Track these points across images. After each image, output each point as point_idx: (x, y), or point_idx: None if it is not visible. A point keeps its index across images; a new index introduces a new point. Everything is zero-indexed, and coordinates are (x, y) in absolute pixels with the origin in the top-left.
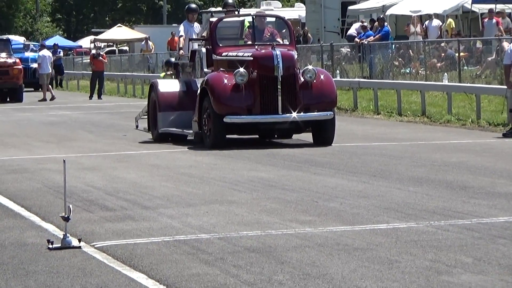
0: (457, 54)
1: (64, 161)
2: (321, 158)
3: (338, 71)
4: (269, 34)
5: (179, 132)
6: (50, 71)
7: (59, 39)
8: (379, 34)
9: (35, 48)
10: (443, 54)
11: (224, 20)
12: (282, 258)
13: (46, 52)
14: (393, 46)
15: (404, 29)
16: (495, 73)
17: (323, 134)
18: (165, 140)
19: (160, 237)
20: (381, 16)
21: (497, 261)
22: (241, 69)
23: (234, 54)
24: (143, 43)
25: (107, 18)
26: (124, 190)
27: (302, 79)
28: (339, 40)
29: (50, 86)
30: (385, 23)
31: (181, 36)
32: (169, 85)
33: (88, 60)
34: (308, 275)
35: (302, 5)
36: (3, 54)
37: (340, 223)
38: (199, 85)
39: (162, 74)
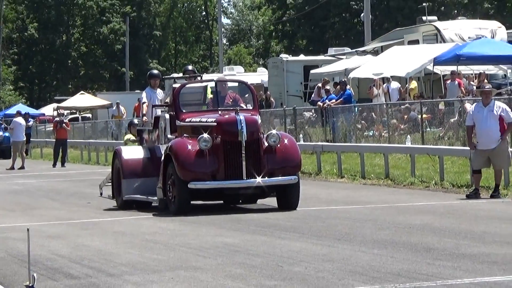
0: (420, 116)
1: (28, 229)
2: (286, 223)
3: (301, 135)
4: (232, 99)
5: (143, 199)
6: (24, 138)
7: (22, 107)
8: (341, 98)
9: None
10: (406, 116)
11: (187, 86)
12: None
13: (20, 120)
14: (356, 109)
15: (367, 91)
16: (457, 134)
17: (288, 198)
18: (130, 207)
19: None
20: (343, 80)
21: None
22: (205, 135)
23: (198, 120)
24: (114, 108)
25: (69, 86)
26: (88, 257)
27: (266, 143)
28: (302, 104)
29: (23, 154)
30: (347, 86)
31: (144, 102)
32: (133, 152)
33: (51, 128)
34: None
35: (264, 69)
36: None
37: (305, 287)
38: (163, 152)
39: (126, 137)
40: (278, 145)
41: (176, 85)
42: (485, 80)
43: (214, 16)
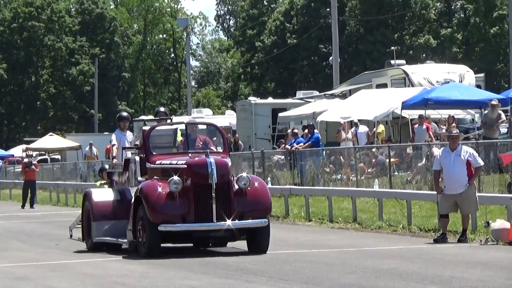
0: (387, 160)
1: None
2: (254, 266)
3: (269, 178)
4: (202, 142)
5: (113, 241)
6: None
7: None
8: (309, 141)
9: None
10: (374, 160)
11: (157, 128)
12: None
13: None
14: (324, 152)
15: (335, 135)
16: (425, 178)
17: (258, 241)
18: (100, 249)
19: None
20: (311, 123)
21: None
22: (175, 177)
23: (168, 162)
24: (87, 148)
25: (39, 127)
26: None
27: (236, 186)
28: (270, 147)
29: None
30: (315, 130)
31: (114, 145)
32: (103, 194)
33: (20, 169)
34: None
35: (233, 112)
36: None
37: None
38: (133, 194)
39: (98, 183)
40: (249, 188)
41: (146, 128)
42: (453, 124)
43: (182, 59)
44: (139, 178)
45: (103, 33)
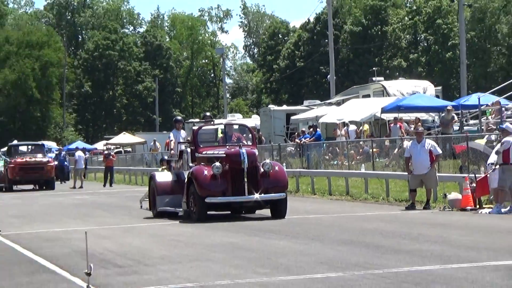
0: (371, 150)
1: (86, 232)
2: (274, 227)
3: (284, 164)
4: (236, 137)
5: (172, 210)
6: (83, 166)
7: (80, 143)
8: (313, 137)
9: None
10: (361, 150)
11: (203, 128)
12: None
13: (81, 153)
14: (324, 145)
15: (332, 132)
16: (399, 163)
17: (278, 210)
18: (162, 216)
19: (157, 286)
20: (315, 124)
21: None
22: (217, 163)
23: (211, 152)
24: (152, 143)
25: (115, 128)
26: (130, 252)
27: (262, 169)
28: (285, 141)
29: (82, 178)
30: (318, 129)
31: (171, 140)
32: (164, 176)
33: (102, 158)
34: None
35: (257, 116)
36: (39, 155)
37: (288, 273)
38: (186, 176)
39: (160, 169)
40: (271, 171)
41: (195, 128)
42: (419, 124)
43: (220, 77)
44: (190, 164)
45: (161, 59)
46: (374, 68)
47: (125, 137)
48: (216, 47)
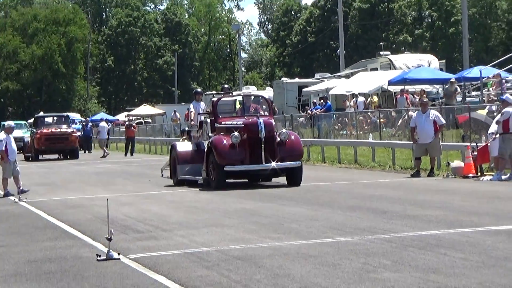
0: (378, 120)
1: (107, 199)
2: (286, 194)
3: (296, 134)
4: (253, 108)
5: (192, 178)
6: (107, 137)
7: (103, 115)
8: (324, 108)
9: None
10: (369, 121)
11: (222, 99)
12: (259, 263)
13: (104, 124)
14: (334, 115)
15: (341, 103)
16: (404, 133)
17: (294, 177)
18: (182, 184)
19: (174, 250)
20: (325, 95)
21: (408, 263)
22: (236, 133)
23: (230, 122)
24: (172, 114)
25: (136, 100)
26: (149, 218)
27: (278, 139)
28: (297, 112)
29: (105, 147)
30: (328, 100)
31: (191, 111)
32: (185, 146)
33: (124, 129)
34: (277, 275)
35: (271, 88)
36: (64, 126)
37: (299, 238)
38: (206, 145)
39: (181, 139)
40: (287, 140)
41: (214, 99)
42: (424, 95)
43: (235, 52)
44: (210, 134)
45: (180, 35)
46: (381, 43)
47: (145, 109)
48: (232, 24)
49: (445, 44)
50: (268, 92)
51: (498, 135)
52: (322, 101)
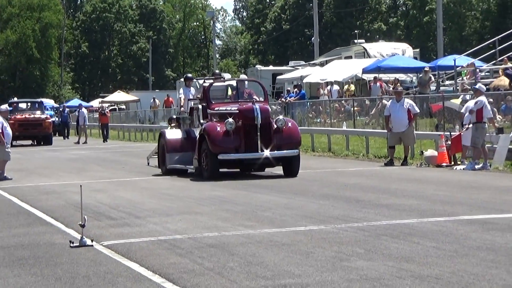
0: (352, 109)
1: (80, 186)
2: (259, 182)
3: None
4: (247, 94)
5: (182, 167)
6: (86, 123)
7: (77, 101)
8: (298, 96)
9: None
10: (343, 109)
11: (214, 84)
12: (232, 251)
13: (84, 110)
14: (308, 103)
15: (316, 91)
16: (378, 121)
17: (291, 167)
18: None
19: (148, 237)
20: (299, 83)
21: (381, 252)
22: (230, 119)
23: (224, 108)
24: (152, 101)
25: (110, 86)
26: (122, 205)
27: (275, 126)
28: (271, 99)
29: (85, 133)
30: (302, 88)
31: (181, 97)
32: (174, 133)
33: (97, 115)
34: (250, 263)
35: (245, 76)
36: (38, 112)
37: (272, 226)
38: (197, 133)
39: (169, 127)
40: (284, 127)
41: (206, 84)
42: (398, 84)
43: (210, 39)
44: (202, 121)
45: (155, 21)
46: (355, 31)
47: (119, 95)
48: (207, 10)
49: (419, 32)
50: None
51: (471, 125)
52: (296, 89)
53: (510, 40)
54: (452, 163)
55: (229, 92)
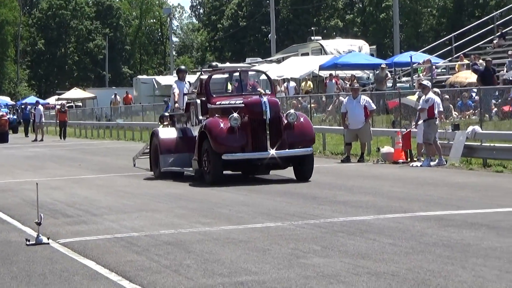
0: (309, 105)
1: (37, 183)
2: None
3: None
4: (251, 86)
5: (178, 170)
6: (42, 120)
7: (33, 98)
8: None
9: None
10: (299, 106)
11: (213, 77)
12: (189, 248)
13: (41, 107)
14: None
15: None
16: (335, 118)
17: (304, 169)
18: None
19: (104, 235)
20: (256, 80)
21: (337, 248)
22: (235, 114)
23: (227, 102)
24: (112, 96)
25: (66, 83)
26: (79, 202)
27: (285, 121)
28: None
29: (42, 131)
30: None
31: (175, 92)
32: (168, 132)
33: (55, 113)
34: (207, 260)
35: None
36: None
37: (229, 223)
38: (194, 132)
39: (161, 126)
40: (295, 122)
41: (204, 76)
42: (355, 81)
43: (167, 36)
44: (200, 117)
45: (111, 18)
46: (312, 28)
47: (76, 93)
48: (163, 7)
49: (376, 29)
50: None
51: (421, 121)
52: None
53: (466, 37)
54: (409, 159)
55: (229, 86)
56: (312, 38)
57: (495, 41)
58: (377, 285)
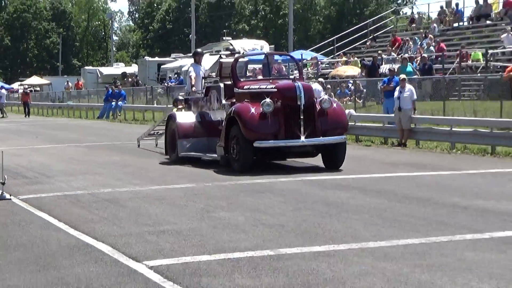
0: None
1: (1, 151)
2: (147, 152)
3: (155, 102)
4: (276, 70)
5: (198, 155)
6: (4, 101)
7: None
8: (177, 81)
9: None
10: None
11: (239, 60)
12: (123, 204)
13: (4, 91)
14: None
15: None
16: None
17: (336, 156)
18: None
19: (55, 193)
20: (179, 71)
21: (240, 205)
22: (268, 99)
23: (257, 87)
24: (66, 84)
25: (28, 72)
26: (36, 167)
27: (318, 107)
28: (156, 84)
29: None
30: (181, 75)
31: (192, 75)
32: (186, 117)
33: (18, 95)
34: (137, 214)
35: (136, 65)
36: None
37: (155, 184)
38: (213, 116)
39: (175, 109)
40: (329, 109)
41: (226, 60)
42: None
43: (109, 35)
44: (224, 102)
45: (65, 20)
46: (224, 31)
47: (35, 79)
48: (106, 12)
49: (275, 32)
50: (134, 68)
51: None
52: (176, 75)
53: (345, 39)
54: None
55: (248, 70)
56: (224, 38)
57: (368, 43)
58: (270, 233)
